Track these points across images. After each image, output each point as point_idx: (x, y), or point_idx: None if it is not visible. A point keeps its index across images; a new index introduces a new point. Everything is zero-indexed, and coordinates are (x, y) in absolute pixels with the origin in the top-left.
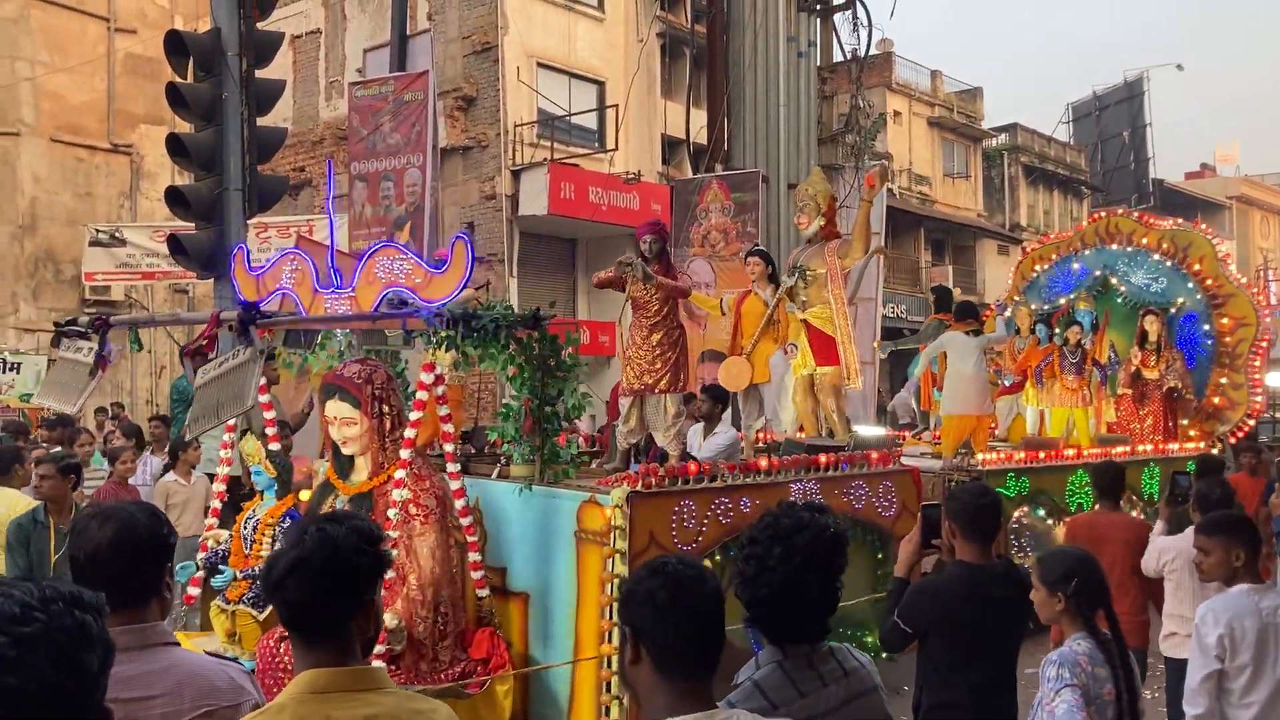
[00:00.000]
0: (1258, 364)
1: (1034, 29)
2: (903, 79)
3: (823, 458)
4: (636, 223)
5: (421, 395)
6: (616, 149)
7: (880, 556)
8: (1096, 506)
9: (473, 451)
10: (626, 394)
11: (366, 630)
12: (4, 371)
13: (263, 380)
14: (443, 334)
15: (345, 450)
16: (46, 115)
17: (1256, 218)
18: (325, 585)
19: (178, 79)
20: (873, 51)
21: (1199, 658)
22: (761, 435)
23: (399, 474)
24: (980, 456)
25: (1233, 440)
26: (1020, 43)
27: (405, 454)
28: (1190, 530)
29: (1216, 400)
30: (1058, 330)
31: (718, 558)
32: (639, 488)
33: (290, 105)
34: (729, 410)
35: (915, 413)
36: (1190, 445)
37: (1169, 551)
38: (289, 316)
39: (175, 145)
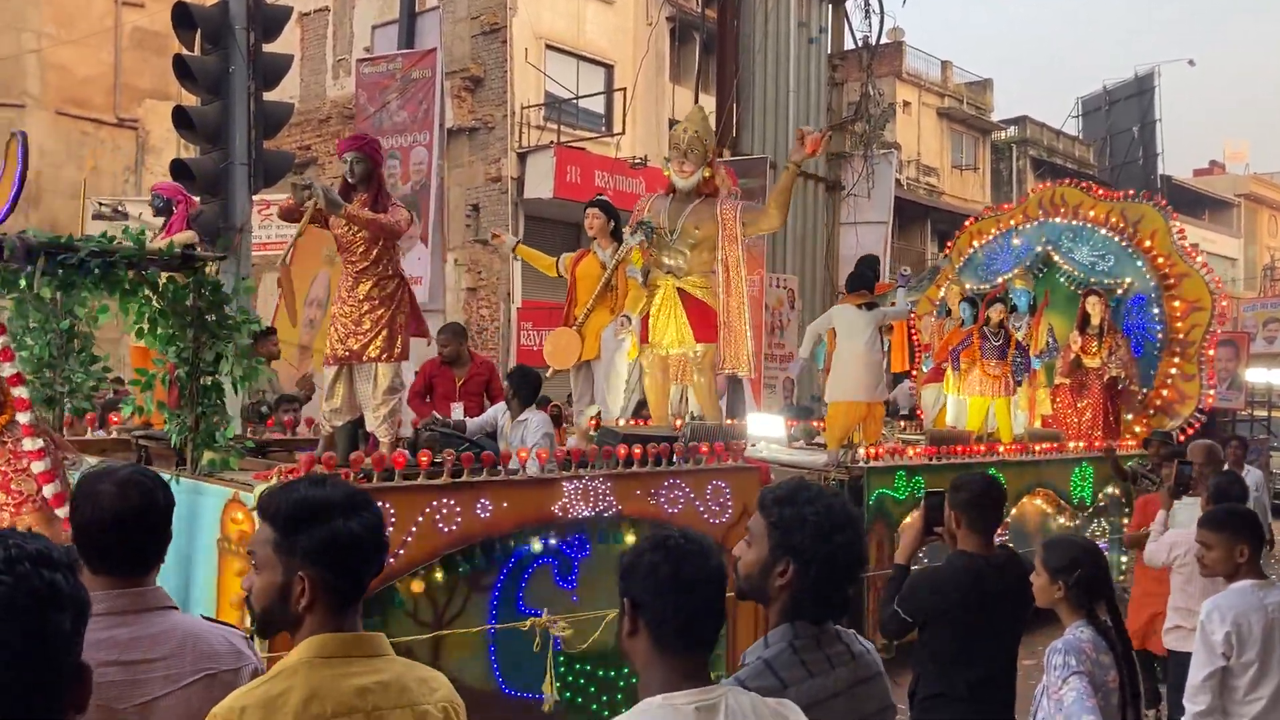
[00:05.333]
0: (1211, 353)
1: (1045, 21)
2: (913, 69)
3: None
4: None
5: None
6: (624, 133)
7: None
8: None
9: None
10: (330, 363)
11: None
12: None
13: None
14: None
15: None
16: (52, 88)
17: (1265, 216)
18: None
19: (185, 52)
20: (883, 40)
21: (1204, 654)
22: (593, 422)
23: None
24: (863, 450)
25: (1181, 439)
26: (1031, 35)
27: None
28: None
29: (1165, 393)
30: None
31: (437, 575)
32: None
33: (297, 84)
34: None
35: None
36: (1133, 443)
37: (1180, 545)
38: None
39: (181, 118)
